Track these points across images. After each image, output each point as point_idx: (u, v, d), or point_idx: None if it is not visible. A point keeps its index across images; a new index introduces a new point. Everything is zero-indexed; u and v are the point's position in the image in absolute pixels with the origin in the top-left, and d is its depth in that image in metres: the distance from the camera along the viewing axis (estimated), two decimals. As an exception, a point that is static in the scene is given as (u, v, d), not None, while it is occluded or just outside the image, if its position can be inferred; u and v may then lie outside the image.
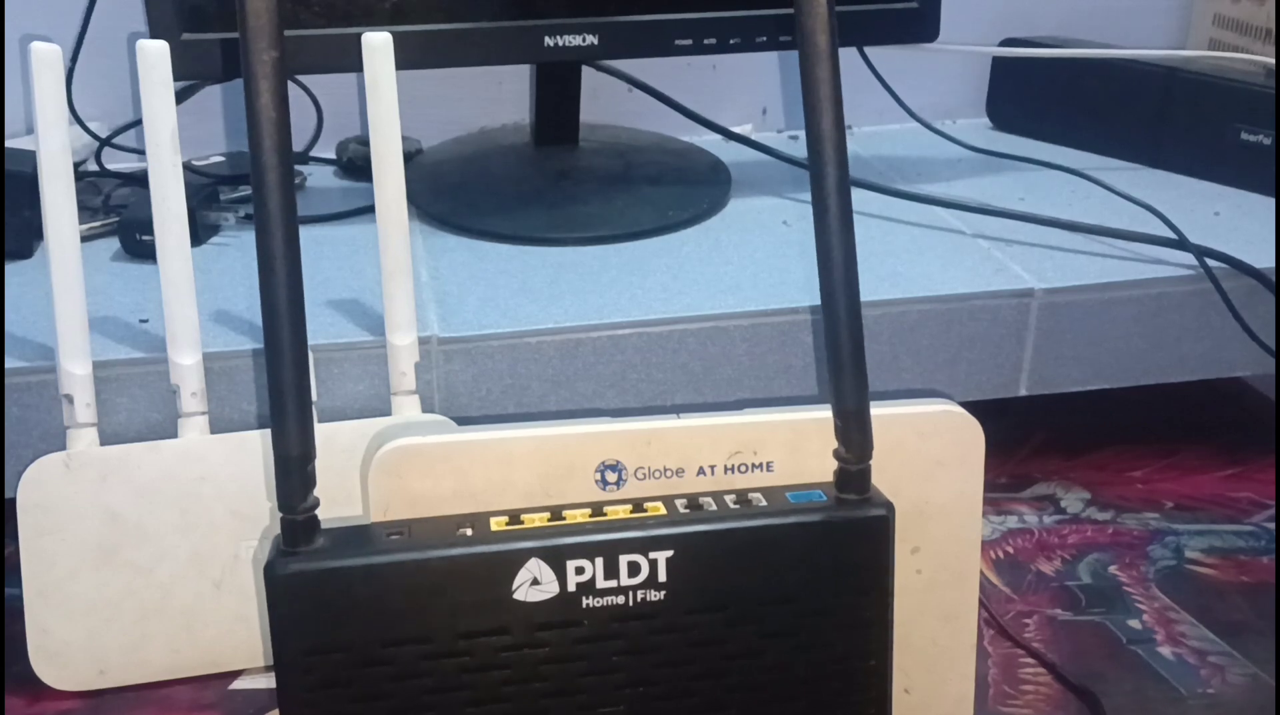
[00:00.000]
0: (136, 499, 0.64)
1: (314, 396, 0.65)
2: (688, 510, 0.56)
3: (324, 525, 0.53)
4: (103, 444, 0.64)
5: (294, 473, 0.51)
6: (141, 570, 0.64)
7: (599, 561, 0.53)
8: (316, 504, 0.52)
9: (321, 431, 0.53)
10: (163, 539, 0.64)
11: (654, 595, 0.54)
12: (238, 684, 0.67)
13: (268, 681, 0.67)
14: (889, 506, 0.56)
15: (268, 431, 0.64)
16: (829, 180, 0.54)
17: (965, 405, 0.63)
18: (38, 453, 0.63)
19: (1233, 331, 0.79)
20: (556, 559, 0.53)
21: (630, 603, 0.54)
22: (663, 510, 0.55)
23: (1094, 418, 0.94)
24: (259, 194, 0.50)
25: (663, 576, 0.54)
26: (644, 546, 0.54)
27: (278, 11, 0.50)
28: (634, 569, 0.54)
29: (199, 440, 0.65)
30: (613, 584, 0.54)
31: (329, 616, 0.52)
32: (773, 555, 0.55)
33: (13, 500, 0.63)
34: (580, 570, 0.53)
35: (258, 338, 0.69)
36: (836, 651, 0.57)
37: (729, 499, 0.56)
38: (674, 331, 0.72)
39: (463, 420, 0.69)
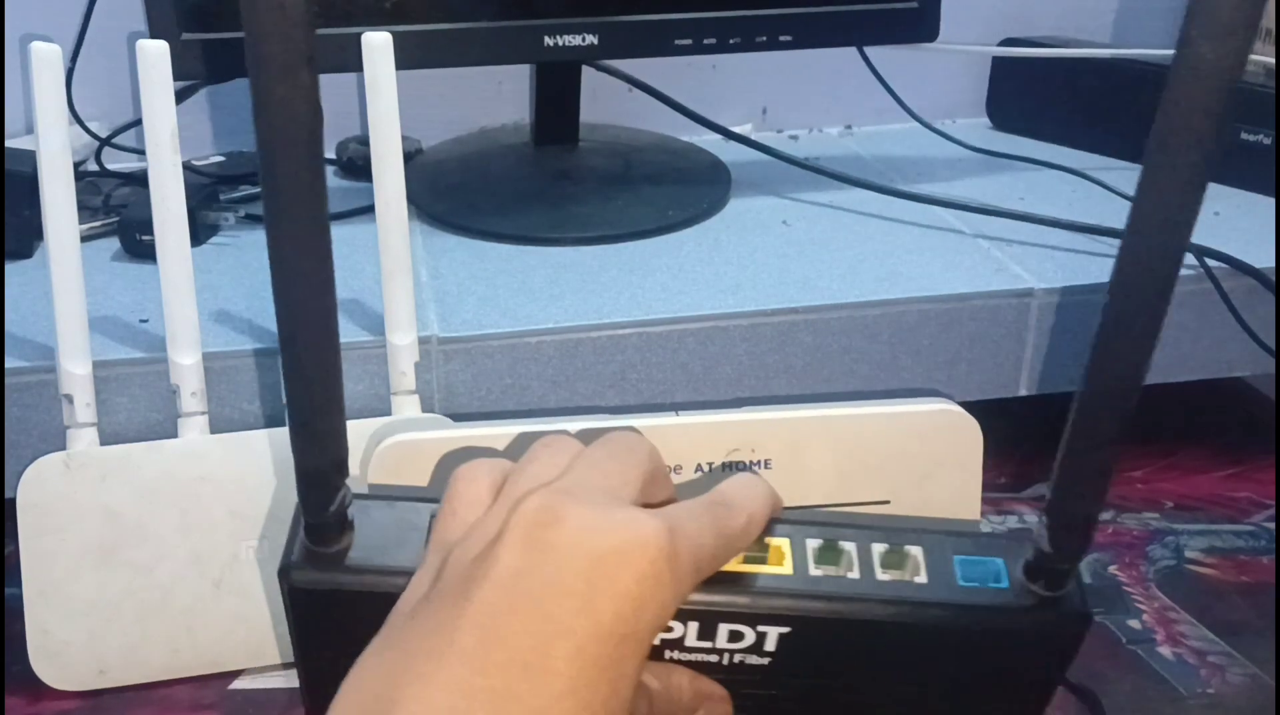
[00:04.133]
0: (136, 499, 0.64)
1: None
2: (820, 570, 0.44)
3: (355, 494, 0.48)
4: (103, 444, 0.64)
5: (323, 484, 0.46)
6: (141, 570, 0.64)
7: (692, 626, 0.43)
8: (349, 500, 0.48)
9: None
10: (163, 539, 0.64)
11: (754, 659, 0.45)
12: (238, 684, 0.67)
13: (268, 681, 0.67)
14: (1088, 614, 0.45)
15: (268, 431, 0.64)
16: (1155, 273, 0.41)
17: (965, 405, 0.63)
18: (38, 453, 0.63)
19: (1233, 331, 0.79)
20: None
21: (725, 662, 0.45)
22: (788, 566, 0.44)
23: (1094, 418, 0.94)
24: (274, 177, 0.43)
25: (770, 646, 0.44)
26: (753, 620, 0.43)
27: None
28: (736, 636, 0.44)
29: (199, 440, 0.65)
30: (707, 645, 0.44)
31: (353, 619, 0.45)
32: (923, 644, 0.44)
33: (12, 500, 0.63)
34: (668, 628, 0.43)
35: (258, 338, 0.69)
36: None
37: (877, 555, 0.44)
38: (674, 331, 0.72)
39: (462, 419, 0.69)
